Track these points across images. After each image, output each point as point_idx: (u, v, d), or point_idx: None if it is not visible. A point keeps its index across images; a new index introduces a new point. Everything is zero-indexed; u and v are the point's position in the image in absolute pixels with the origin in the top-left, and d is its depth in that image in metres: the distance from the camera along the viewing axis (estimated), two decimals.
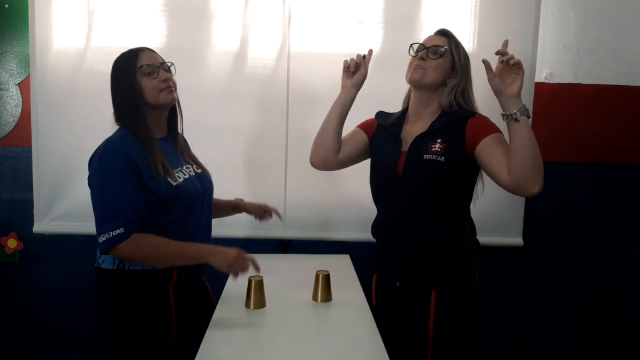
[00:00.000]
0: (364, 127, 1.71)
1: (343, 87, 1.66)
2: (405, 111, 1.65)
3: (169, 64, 1.52)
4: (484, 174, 1.54)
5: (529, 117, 1.36)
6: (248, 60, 2.15)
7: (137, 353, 1.47)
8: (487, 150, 1.43)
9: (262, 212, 1.83)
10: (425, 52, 1.52)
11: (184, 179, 1.50)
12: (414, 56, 1.57)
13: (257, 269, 1.43)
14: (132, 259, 1.39)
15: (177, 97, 1.53)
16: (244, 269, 1.39)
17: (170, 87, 1.48)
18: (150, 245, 1.38)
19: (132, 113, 1.44)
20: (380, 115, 1.70)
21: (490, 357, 2.37)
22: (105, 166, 1.38)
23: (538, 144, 1.36)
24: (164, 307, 1.45)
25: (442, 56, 1.51)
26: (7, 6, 2.29)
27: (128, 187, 1.37)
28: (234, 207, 1.83)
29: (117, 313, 1.46)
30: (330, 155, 1.65)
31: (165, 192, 1.42)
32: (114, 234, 1.35)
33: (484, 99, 1.60)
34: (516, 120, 1.35)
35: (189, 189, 1.49)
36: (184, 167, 1.55)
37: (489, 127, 1.47)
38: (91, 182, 1.42)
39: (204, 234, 1.59)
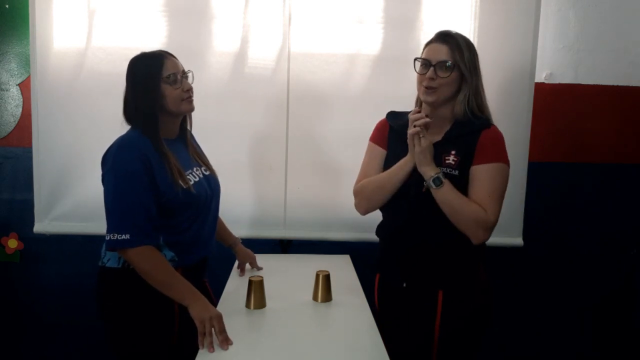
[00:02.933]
0: (380, 140, 1.63)
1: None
2: None
3: (188, 72, 1.52)
4: None
5: (438, 185, 1.41)
6: (248, 60, 2.15)
7: (138, 355, 1.46)
8: (474, 177, 1.45)
9: (244, 264, 1.84)
10: (433, 70, 1.46)
11: (194, 181, 1.51)
12: (420, 73, 1.50)
13: (226, 343, 1.26)
14: (132, 264, 1.40)
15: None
16: (217, 332, 1.27)
17: (191, 97, 1.51)
18: (151, 263, 1.38)
19: (149, 118, 1.45)
20: (391, 115, 1.64)
21: (491, 357, 2.37)
22: (120, 167, 1.39)
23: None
24: (166, 308, 1.44)
25: (452, 70, 1.45)
26: (7, 6, 2.29)
27: (141, 188, 1.38)
28: (231, 244, 1.83)
29: (119, 313, 1.46)
30: (376, 208, 1.61)
31: (175, 195, 1.43)
32: (120, 238, 1.35)
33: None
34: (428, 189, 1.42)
35: (198, 192, 1.50)
36: (194, 169, 1.56)
37: (494, 153, 1.45)
38: (104, 180, 1.42)
39: (209, 235, 1.60)
